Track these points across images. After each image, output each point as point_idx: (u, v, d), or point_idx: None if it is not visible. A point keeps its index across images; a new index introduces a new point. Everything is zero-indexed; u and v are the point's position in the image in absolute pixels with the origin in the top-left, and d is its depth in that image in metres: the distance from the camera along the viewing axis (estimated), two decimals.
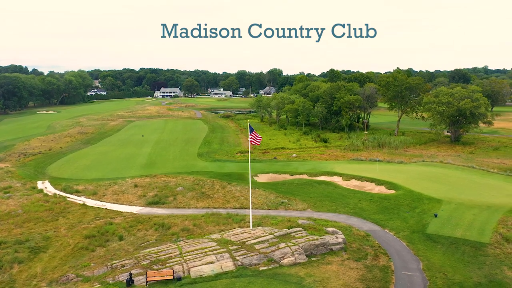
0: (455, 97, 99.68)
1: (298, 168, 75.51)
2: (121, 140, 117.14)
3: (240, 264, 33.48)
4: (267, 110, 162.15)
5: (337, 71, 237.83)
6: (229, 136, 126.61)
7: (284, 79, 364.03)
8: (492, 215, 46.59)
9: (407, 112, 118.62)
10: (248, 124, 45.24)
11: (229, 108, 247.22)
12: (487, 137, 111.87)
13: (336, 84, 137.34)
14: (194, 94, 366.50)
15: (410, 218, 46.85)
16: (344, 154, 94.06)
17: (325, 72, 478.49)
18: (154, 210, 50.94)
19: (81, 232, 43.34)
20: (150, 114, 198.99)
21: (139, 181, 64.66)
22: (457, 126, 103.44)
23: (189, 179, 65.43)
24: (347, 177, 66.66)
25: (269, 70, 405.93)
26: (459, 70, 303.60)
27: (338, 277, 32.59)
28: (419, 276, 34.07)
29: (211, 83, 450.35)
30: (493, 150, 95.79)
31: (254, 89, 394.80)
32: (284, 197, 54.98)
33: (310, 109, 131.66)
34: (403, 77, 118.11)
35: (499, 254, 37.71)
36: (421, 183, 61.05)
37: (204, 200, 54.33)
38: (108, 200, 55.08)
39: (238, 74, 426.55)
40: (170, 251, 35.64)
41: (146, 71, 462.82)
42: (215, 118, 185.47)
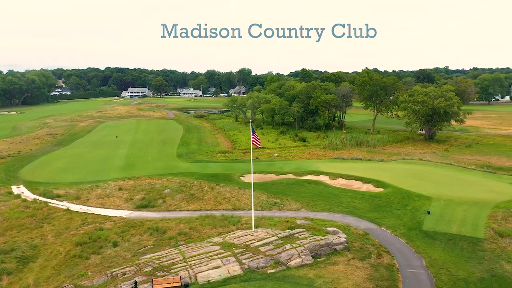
0: (429, 96, 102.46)
1: (283, 167, 75.23)
2: (94, 142, 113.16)
3: (247, 268, 32.62)
4: (242, 109, 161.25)
5: (309, 71, 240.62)
6: (206, 136, 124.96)
7: (254, 79, 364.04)
8: (481, 210, 47.88)
9: (382, 111, 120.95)
10: (250, 126, 44.41)
11: (200, 108, 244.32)
12: (458, 134, 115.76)
13: (312, 83, 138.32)
14: (163, 93, 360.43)
15: (404, 216, 47.43)
16: (325, 153, 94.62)
17: (293, 72, 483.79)
18: (144, 213, 49.12)
19: (70, 239, 41.09)
20: (121, 114, 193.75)
21: (122, 184, 62.33)
22: (431, 124, 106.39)
23: (175, 181, 63.71)
24: (333, 176, 66.95)
25: (239, 70, 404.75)
26: (423, 70, 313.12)
27: (347, 278, 32.35)
28: (424, 273, 34.37)
29: (179, 83, 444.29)
30: (466, 147, 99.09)
31: (224, 88, 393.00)
32: (276, 197, 54.42)
33: (286, 108, 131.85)
34: (378, 76, 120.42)
35: (495, 249, 38.68)
36: (407, 180, 62.12)
37: (195, 202, 52.94)
38: (93, 204, 52.68)
39: (207, 74, 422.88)
40: (172, 256, 34.27)
41: (112, 70, 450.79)
42: (188, 118, 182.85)
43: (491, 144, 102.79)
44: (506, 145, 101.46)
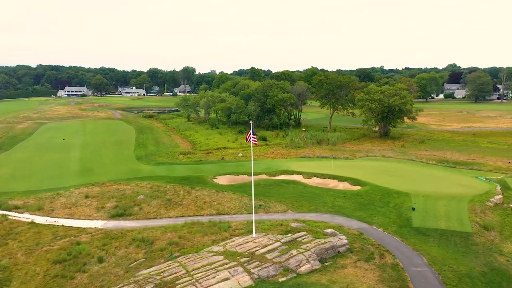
0: (385, 95, 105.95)
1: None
2: (39, 145, 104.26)
3: (257, 278, 30.67)
4: (195, 109, 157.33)
5: (258, 70, 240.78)
6: (162, 137, 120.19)
7: (200, 78, 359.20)
8: (459, 205, 49.53)
9: (339, 109, 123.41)
10: (251, 125, 42.32)
11: (147, 108, 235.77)
12: (410, 131, 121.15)
13: (267, 82, 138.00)
14: (104, 93, 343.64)
15: (390, 213, 47.78)
16: (288, 152, 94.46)
17: (237, 71, 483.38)
18: (122, 223, 45.17)
19: (45, 256, 36.50)
20: (62, 115, 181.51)
21: (87, 191, 57.28)
22: (386, 121, 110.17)
23: (145, 186, 59.76)
24: (307, 175, 66.52)
25: (183, 68, 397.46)
26: (363, 69, 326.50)
27: (361, 281, 31.52)
28: (429, 271, 34.46)
29: (120, 81, 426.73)
30: (419, 143, 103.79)
31: (169, 87, 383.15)
32: (258, 200, 52.61)
33: (243, 107, 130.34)
34: (334, 75, 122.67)
35: (485, 242, 39.94)
36: (380, 177, 63.10)
37: (175, 208, 49.74)
38: (60, 215, 47.61)
39: (150, 72, 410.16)
40: (173, 270, 31.39)
41: (45, 68, 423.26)
42: (137, 118, 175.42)
43: (441, 140, 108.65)
44: (454, 140, 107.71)
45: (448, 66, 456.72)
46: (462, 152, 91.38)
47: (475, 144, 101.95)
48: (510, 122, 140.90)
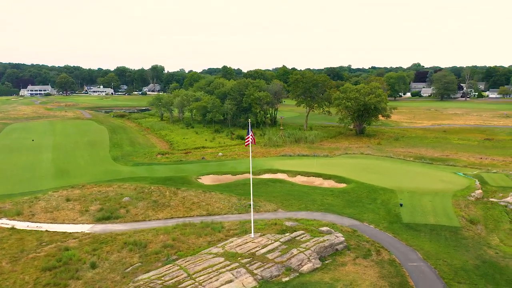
0: (361, 93, 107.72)
1: (235, 167, 73.02)
2: (7, 146, 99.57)
3: (260, 278, 30.26)
4: (169, 108, 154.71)
5: (230, 68, 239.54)
6: (137, 137, 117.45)
7: (170, 76, 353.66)
8: (444, 200, 50.89)
9: (315, 108, 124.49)
10: (249, 124, 41.69)
11: (116, 107, 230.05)
12: (384, 129, 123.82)
13: (243, 80, 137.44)
14: (70, 92, 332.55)
15: (378, 210, 48.45)
16: (268, 150, 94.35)
17: (206, 70, 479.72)
18: (110, 226, 43.58)
19: (32, 263, 34.63)
20: (27, 115, 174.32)
21: (68, 194, 55.00)
22: (362, 119, 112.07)
23: (128, 187, 58.00)
24: (292, 174, 66.58)
25: (152, 67, 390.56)
26: (333, 68, 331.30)
27: (362, 278, 31.69)
28: (425, 265, 35.09)
29: (86, 80, 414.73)
30: (394, 140, 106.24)
31: (137, 86, 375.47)
32: (247, 199, 52.13)
33: (219, 106, 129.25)
34: (310, 74, 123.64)
35: (473, 236, 41.18)
36: (363, 175, 63.96)
37: (163, 210, 48.49)
38: (42, 220, 45.41)
39: (117, 71, 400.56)
40: (174, 274, 30.48)
41: (5, 66, 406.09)
42: (108, 118, 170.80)
43: (414, 137, 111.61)
44: (427, 137, 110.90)
45: (412, 66, 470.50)
46: (436, 149, 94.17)
47: (447, 140, 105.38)
48: (476, 119, 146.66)
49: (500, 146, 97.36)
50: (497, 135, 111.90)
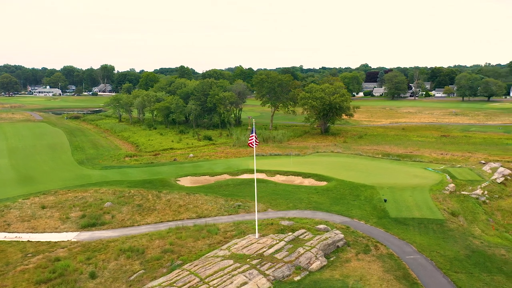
0: (326, 93, 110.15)
1: (212, 168, 72.10)
2: None
3: (273, 279, 30.12)
4: (128, 109, 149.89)
5: (187, 68, 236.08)
6: (98, 139, 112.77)
7: (121, 76, 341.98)
8: (423, 194, 53.20)
9: (279, 108, 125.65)
10: (253, 124, 41.09)
11: (67, 108, 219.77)
12: (346, 127, 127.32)
13: (207, 80, 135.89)
14: (13, 92, 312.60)
15: (364, 206, 49.75)
16: (238, 150, 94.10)
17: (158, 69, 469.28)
18: (97, 233, 41.47)
19: (23, 277, 32.21)
20: None
21: (41, 201, 51.70)
22: (326, 118, 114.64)
23: (106, 192, 55.50)
24: (270, 173, 66.77)
25: (101, 66, 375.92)
26: (287, 68, 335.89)
27: (369, 273, 32.47)
28: (421, 257, 36.53)
29: (29, 80, 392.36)
30: (359, 138, 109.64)
31: (87, 86, 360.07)
32: (234, 200, 51.76)
33: (183, 107, 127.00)
34: (275, 74, 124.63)
35: (458, 228, 43.39)
36: (341, 172, 65.40)
37: (150, 214, 46.88)
38: (21, 230, 42.36)
39: (64, 70, 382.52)
40: (186, 279, 29.56)
41: None
42: (61, 119, 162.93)
43: (376, 135, 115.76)
44: (388, 135, 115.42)
45: (361, 66, 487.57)
46: (399, 146, 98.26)
47: (407, 138, 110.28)
48: (429, 117, 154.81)
49: (456, 142, 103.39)
50: (451, 132, 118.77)
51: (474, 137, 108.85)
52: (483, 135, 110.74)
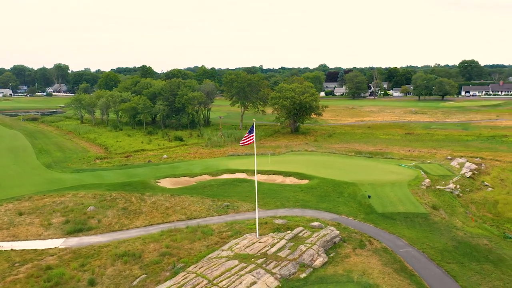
0: (296, 92, 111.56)
1: (190, 169, 71.12)
2: None
3: (280, 277, 30.25)
4: (91, 110, 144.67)
5: (149, 67, 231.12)
6: (62, 141, 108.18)
7: (77, 76, 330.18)
8: (403, 190, 55.21)
9: (249, 107, 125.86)
10: (253, 123, 40.79)
11: (21, 110, 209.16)
12: (315, 126, 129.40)
13: (174, 80, 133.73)
14: None
15: (349, 203, 50.91)
16: (211, 151, 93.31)
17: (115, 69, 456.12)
18: (86, 239, 39.81)
19: (15, 287, 30.42)
20: None
21: (17, 207, 48.92)
22: (296, 118, 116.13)
23: (86, 196, 53.38)
24: (251, 173, 66.65)
25: (55, 66, 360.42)
26: (249, 68, 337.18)
27: (370, 267, 33.32)
28: (414, 250, 37.96)
29: None
30: (328, 137, 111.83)
31: (40, 86, 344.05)
32: (221, 200, 51.35)
33: (150, 107, 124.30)
34: (244, 74, 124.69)
35: (441, 221, 45.41)
36: (320, 170, 66.50)
37: (138, 217, 45.59)
38: (0, 238, 39.90)
39: (15, 69, 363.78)
40: (194, 281, 29.05)
41: None
42: (17, 121, 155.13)
43: (344, 133, 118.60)
44: (355, 133, 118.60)
45: (319, 66, 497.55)
46: (368, 144, 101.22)
47: (374, 136, 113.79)
48: (391, 115, 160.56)
49: (420, 139, 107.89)
50: (414, 129, 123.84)
51: (436, 134, 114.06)
52: (444, 132, 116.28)
